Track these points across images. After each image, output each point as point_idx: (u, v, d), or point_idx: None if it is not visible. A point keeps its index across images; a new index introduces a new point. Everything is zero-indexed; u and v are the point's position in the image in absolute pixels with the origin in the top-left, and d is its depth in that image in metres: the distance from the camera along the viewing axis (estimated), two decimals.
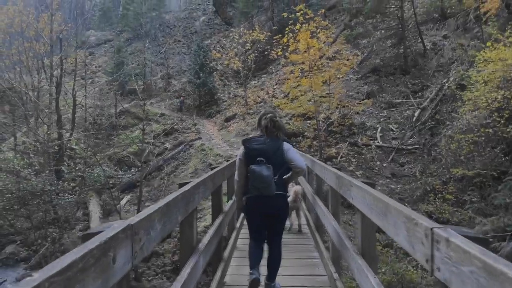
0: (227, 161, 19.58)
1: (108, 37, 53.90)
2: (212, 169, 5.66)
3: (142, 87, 34.90)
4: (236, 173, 4.14)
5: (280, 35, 18.44)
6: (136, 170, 14.40)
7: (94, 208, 18.48)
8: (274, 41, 20.00)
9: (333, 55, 20.73)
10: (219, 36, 44.56)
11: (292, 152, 3.99)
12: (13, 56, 20.29)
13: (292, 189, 7.14)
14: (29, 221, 13.44)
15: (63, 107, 20.28)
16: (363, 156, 17.58)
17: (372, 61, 25.14)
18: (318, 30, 17.55)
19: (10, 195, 13.11)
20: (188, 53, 39.32)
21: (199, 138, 23.99)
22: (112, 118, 25.89)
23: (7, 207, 13.41)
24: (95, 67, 43.56)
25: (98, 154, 18.98)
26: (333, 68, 17.96)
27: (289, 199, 5.65)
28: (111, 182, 17.94)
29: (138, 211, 14.04)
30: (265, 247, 4.17)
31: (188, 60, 36.83)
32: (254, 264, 3.90)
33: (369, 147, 17.98)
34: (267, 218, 3.97)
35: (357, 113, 20.27)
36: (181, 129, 26.56)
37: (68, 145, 15.97)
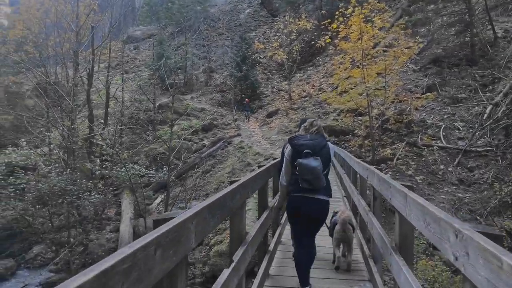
0: (267, 159, 18.12)
1: (153, 32, 53.77)
2: (259, 167, 5.58)
3: (183, 81, 33.94)
4: (282, 170, 4.12)
5: (329, 20, 16.39)
6: (168, 169, 13.06)
7: (126, 208, 17.40)
8: (322, 26, 17.93)
9: (389, 43, 18.38)
10: (264, 28, 42.90)
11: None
12: (49, 49, 19.66)
13: (340, 216, 5.20)
14: (50, 222, 12.41)
15: (94, 101, 19.37)
16: (423, 159, 15.21)
17: (433, 51, 22.42)
18: (373, 15, 15.35)
19: (30, 194, 12.17)
20: (231, 46, 37.96)
21: (239, 135, 22.43)
22: (150, 113, 24.93)
23: (28, 207, 12.49)
24: (139, 61, 43.33)
25: (130, 151, 17.92)
26: (390, 57, 15.65)
27: (337, 228, 5.04)
28: (143, 181, 16.80)
29: None
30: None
31: (230, 53, 35.43)
32: (304, 280, 3.98)
33: (430, 148, 15.56)
34: (307, 220, 3.95)
35: (416, 108, 17.83)
36: (221, 125, 25.16)
37: (94, 141, 14.90)
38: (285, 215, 6.83)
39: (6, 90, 28.98)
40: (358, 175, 6.70)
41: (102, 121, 19.25)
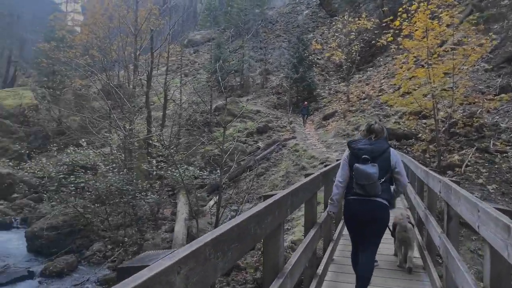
0: (322, 163, 17.48)
1: (212, 35, 54.81)
2: (306, 176, 4.92)
3: (240, 83, 34.09)
4: (338, 173, 4.06)
5: (391, 17, 15.46)
6: (221, 171, 12.93)
7: (181, 209, 17.57)
8: (384, 24, 16.98)
9: (458, 40, 17.00)
10: (322, 29, 42.06)
11: (399, 162, 3.91)
12: (113, 53, 20.46)
13: (397, 216, 4.99)
14: (107, 221, 12.75)
15: (154, 103, 19.83)
16: (496, 166, 13.78)
17: (507, 49, 20.52)
18: (440, 10, 14.22)
19: (89, 193, 12.58)
20: (288, 48, 37.57)
21: (294, 138, 21.94)
22: (207, 115, 25.19)
23: (88, 205, 12.93)
24: (198, 64, 44.26)
25: (185, 152, 18.10)
26: (459, 56, 14.40)
27: (397, 227, 4.96)
28: (197, 182, 16.88)
29: (217, 218, 12.55)
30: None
31: (287, 54, 35.04)
32: None
33: (504, 154, 14.11)
34: (365, 223, 3.84)
35: (488, 111, 16.31)
36: (276, 127, 24.82)
37: (151, 142, 15.18)
38: (338, 229, 6.39)
39: (74, 93, 30.78)
40: (426, 187, 5.85)
41: (161, 122, 19.67)
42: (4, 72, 60.49)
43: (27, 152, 19.62)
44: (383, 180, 3.75)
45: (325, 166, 6.68)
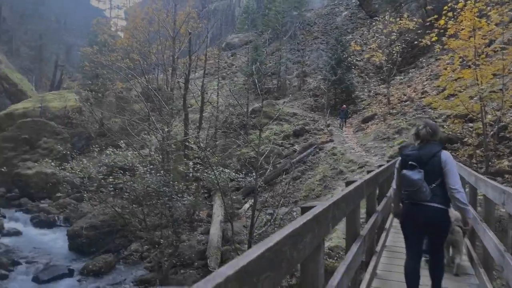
0: (361, 167, 16.94)
1: (250, 38, 54.98)
2: (347, 184, 4.60)
3: (277, 86, 33.92)
4: (394, 180, 4.14)
5: (435, 16, 14.77)
6: (256, 174, 12.79)
7: (217, 211, 17.58)
8: (427, 24, 16.27)
9: (508, 39, 16.01)
10: (361, 30, 41.15)
11: (450, 164, 3.72)
12: (152, 56, 20.83)
13: None
14: (144, 222, 12.89)
15: (193, 106, 19.98)
16: None
17: None
18: (489, 8, 13.44)
19: (127, 194, 12.78)
20: (326, 49, 37.00)
21: (331, 141, 21.47)
22: (243, 117, 25.18)
23: (126, 206, 13.14)
24: (235, 67, 44.47)
25: (221, 154, 18.11)
26: (510, 56, 13.53)
27: None
28: (233, 185, 16.81)
29: (252, 221, 12.39)
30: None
31: (325, 56, 34.52)
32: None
33: None
34: (420, 228, 3.81)
35: None
36: (313, 130, 24.41)
37: (188, 144, 15.25)
38: (381, 240, 6.18)
39: (116, 96, 31.70)
40: (483, 197, 5.42)
41: (198, 125, 19.81)
42: (51, 75, 63.36)
43: (71, 152, 20.35)
44: (435, 185, 3.68)
45: (368, 172, 6.20)
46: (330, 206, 2.37)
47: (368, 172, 6.50)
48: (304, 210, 2.08)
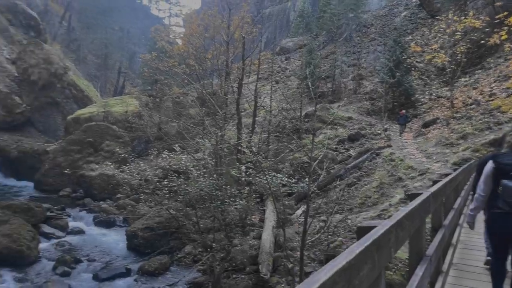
0: (421, 174, 16.02)
1: (304, 42, 54.58)
2: (411, 197, 4.06)
3: (331, 89, 33.28)
4: (480, 186, 4.02)
5: (505, 13, 13.69)
6: (309, 179, 12.48)
7: (270, 216, 17.41)
8: (496, 21, 15.13)
9: None
10: (422, 31, 39.34)
11: None
12: (208, 61, 21.18)
13: None
14: (197, 225, 13.03)
15: (246, 110, 20.04)
16: None
17: None
18: None
19: (181, 197, 12.99)
20: (384, 51, 35.74)
21: (389, 146, 20.57)
22: (296, 122, 24.89)
23: (180, 209, 13.36)
24: (289, 71, 44.26)
25: (273, 159, 17.95)
26: None
27: None
28: (285, 190, 16.58)
29: (304, 228, 12.06)
30: None
31: (383, 58, 33.34)
32: (497, 285, 3.89)
33: None
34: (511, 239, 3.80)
35: None
36: (369, 134, 23.58)
37: (240, 148, 15.26)
38: (448, 258, 5.56)
39: (173, 101, 32.67)
40: None
41: (251, 129, 19.84)
42: (115, 82, 66.90)
43: (130, 155, 21.23)
44: None
45: (434, 182, 5.65)
46: (393, 227, 1.95)
47: (433, 182, 5.90)
48: (361, 231, 1.72)
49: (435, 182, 5.23)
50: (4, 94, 40.42)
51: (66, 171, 22.99)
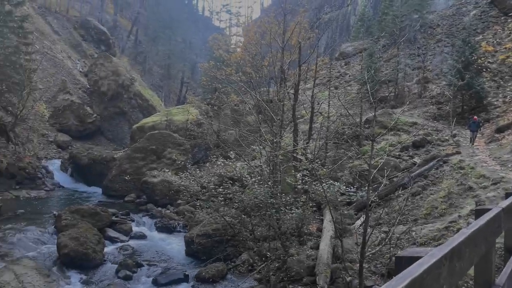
0: (495, 184, 14.66)
1: (364, 46, 53.12)
2: (476, 214, 3.23)
3: (394, 93, 31.89)
4: None
5: None
6: (368, 188, 11.87)
7: (327, 226, 16.86)
8: None
9: None
10: (494, 29, 36.61)
11: None
12: (264, 68, 21.16)
13: None
14: (252, 233, 12.88)
15: (304, 117, 19.70)
16: None
17: None
18: None
19: (236, 204, 12.93)
20: (451, 52, 33.66)
21: (458, 153, 19.15)
22: (356, 128, 24.06)
23: (235, 216, 13.31)
24: (349, 76, 43.18)
25: (331, 166, 17.40)
26: None
27: None
28: (343, 199, 15.96)
29: (363, 240, 11.46)
30: None
31: (450, 60, 31.40)
32: None
33: None
34: None
35: None
36: (435, 141, 22.14)
37: (295, 155, 14.92)
38: None
39: (231, 108, 33.11)
40: None
41: (308, 135, 19.46)
42: (178, 91, 69.48)
43: (190, 163, 21.72)
44: None
45: (507, 194, 4.65)
46: (445, 257, 1.47)
47: (506, 193, 4.98)
48: (401, 264, 1.31)
49: (508, 195, 4.34)
50: (77, 105, 43.43)
51: (127, 178, 23.96)
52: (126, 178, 23.00)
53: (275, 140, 13.89)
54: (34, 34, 41.97)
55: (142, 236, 19.78)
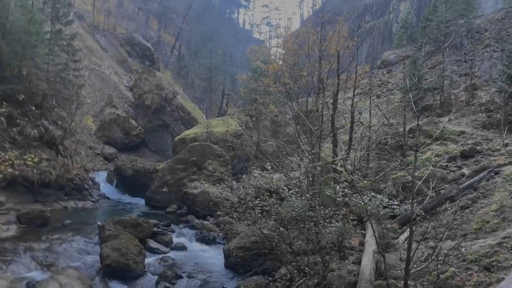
0: None
1: (407, 53, 51.65)
2: None
3: (439, 101, 30.62)
4: None
5: None
6: (412, 200, 11.30)
7: (370, 240, 16.22)
8: None
9: None
10: None
11: None
12: (303, 79, 20.98)
13: None
14: (290, 246, 12.59)
15: (345, 127, 19.23)
16: None
17: None
18: None
19: (273, 216, 12.71)
20: (501, 58, 31.90)
21: (510, 164, 17.95)
22: (400, 137, 23.21)
23: (273, 229, 13.08)
24: (391, 84, 42.04)
25: (372, 178, 16.81)
26: None
27: None
28: (386, 212, 15.32)
29: (408, 255, 10.87)
30: None
31: (500, 65, 29.74)
32: None
33: None
34: None
35: None
36: (485, 150, 20.90)
37: (334, 166, 14.51)
38: None
39: (271, 119, 33.09)
40: None
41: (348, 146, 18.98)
42: (219, 103, 70.56)
43: (229, 174, 21.79)
44: None
45: None
46: None
47: None
48: None
49: None
50: (123, 119, 45.05)
51: (164, 189, 24.35)
52: (164, 189, 23.36)
53: (313, 151, 13.59)
54: (83, 51, 44.18)
55: (182, 248, 19.90)
